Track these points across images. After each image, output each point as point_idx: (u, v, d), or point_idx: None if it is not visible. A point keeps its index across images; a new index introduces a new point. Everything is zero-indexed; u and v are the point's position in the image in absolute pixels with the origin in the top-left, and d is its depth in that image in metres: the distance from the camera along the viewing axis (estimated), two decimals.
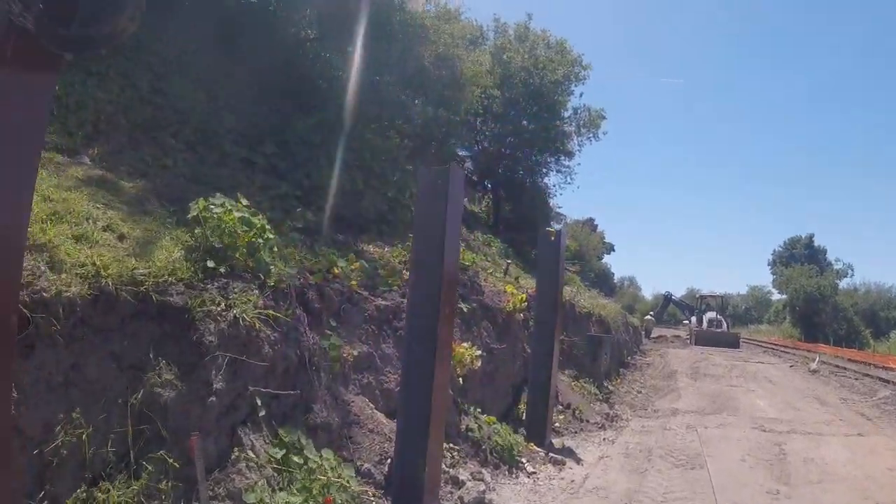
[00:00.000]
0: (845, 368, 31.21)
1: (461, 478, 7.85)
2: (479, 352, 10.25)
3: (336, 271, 8.91)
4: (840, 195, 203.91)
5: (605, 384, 17.78)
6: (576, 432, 12.49)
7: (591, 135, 34.36)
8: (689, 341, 51.35)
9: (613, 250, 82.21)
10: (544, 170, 33.88)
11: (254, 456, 5.86)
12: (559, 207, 41.76)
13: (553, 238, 11.71)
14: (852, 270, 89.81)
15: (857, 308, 78.52)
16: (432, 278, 7.06)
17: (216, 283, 6.35)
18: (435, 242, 7.11)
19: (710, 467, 10.19)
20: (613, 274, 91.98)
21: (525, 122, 30.98)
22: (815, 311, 74.95)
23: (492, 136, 31.94)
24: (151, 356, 5.43)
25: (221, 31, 13.08)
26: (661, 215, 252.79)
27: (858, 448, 12.33)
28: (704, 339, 48.79)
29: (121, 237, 6.35)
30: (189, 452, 5.20)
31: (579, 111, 33.37)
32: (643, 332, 46.32)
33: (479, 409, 10.33)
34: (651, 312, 65.57)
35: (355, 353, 8.15)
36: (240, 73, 13.31)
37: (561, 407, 13.20)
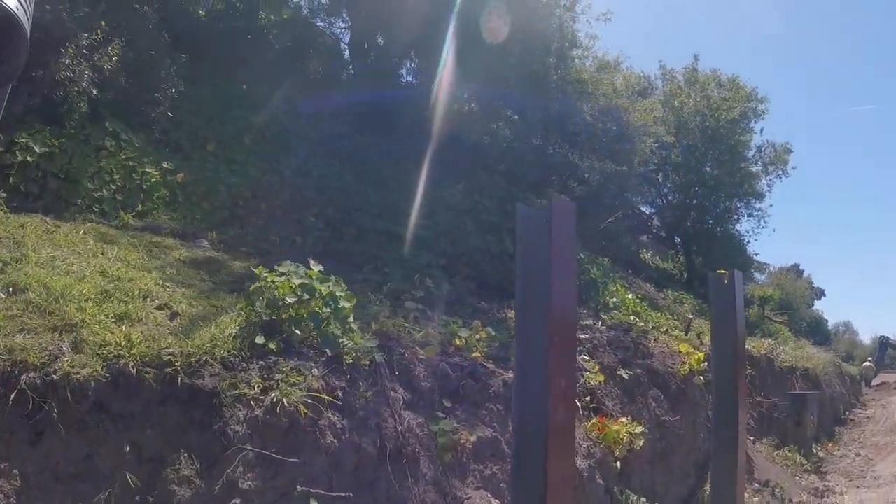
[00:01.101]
0: None
1: None
2: (641, 429, 8.63)
3: (458, 343, 7.56)
4: None
5: (814, 450, 15.31)
6: None
7: (779, 172, 31.81)
8: None
9: (824, 296, 79.33)
10: (734, 216, 31.65)
11: None
12: (756, 254, 39.77)
13: (727, 281, 9.76)
14: None
15: None
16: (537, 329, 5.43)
17: (261, 363, 5.34)
18: (539, 287, 5.49)
19: None
20: (827, 321, 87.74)
21: (708, 169, 29.02)
22: None
23: (674, 188, 30.55)
24: (174, 448, 4.75)
25: (375, 111, 13.31)
26: (872, 253, 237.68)
27: None
28: None
29: (173, 315, 5.72)
30: None
31: (763, 148, 31.41)
32: (862, 381, 41.99)
33: (644, 499, 8.55)
34: (870, 358, 60.16)
35: (474, 438, 6.62)
36: (396, 152, 13.28)
37: (757, 486, 11.21)
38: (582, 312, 11.05)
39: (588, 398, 8.70)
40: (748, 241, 33.17)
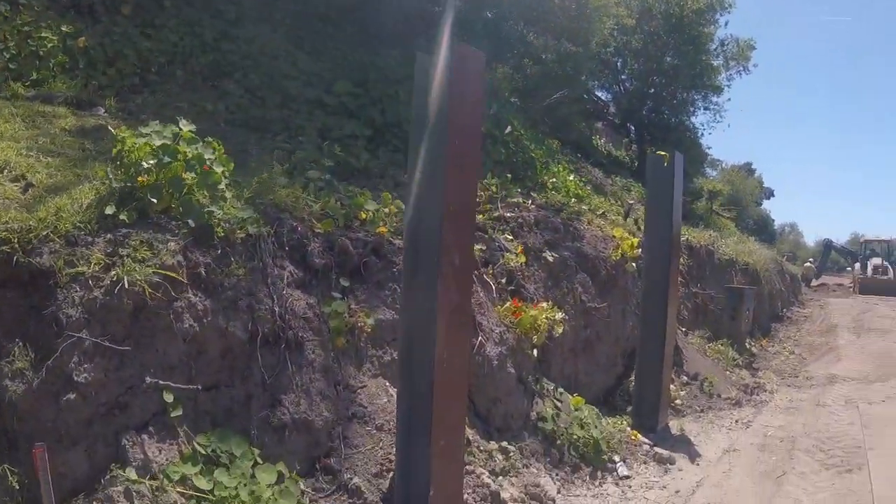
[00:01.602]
0: None
1: (504, 495, 5.59)
2: (561, 314, 8.00)
3: (364, 216, 6.75)
4: None
5: (749, 345, 15.06)
6: (701, 411, 9.99)
7: (740, 68, 31.26)
8: (852, 290, 47.54)
9: (773, 195, 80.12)
10: (691, 108, 31.08)
11: (135, 476, 3.96)
12: (709, 148, 39.36)
13: (667, 163, 9.07)
14: None
15: None
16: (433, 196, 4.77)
17: (108, 236, 4.54)
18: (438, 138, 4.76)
19: (872, 469, 7.49)
20: (773, 220, 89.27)
21: (668, 58, 28.20)
22: None
23: (632, 75, 29.49)
24: (12, 338, 4.15)
25: None
26: (823, 158, 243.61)
27: None
28: (869, 287, 44.83)
29: (27, 187, 4.95)
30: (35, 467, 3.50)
31: (726, 42, 30.56)
32: (802, 281, 42.44)
33: (561, 390, 8.02)
34: (811, 259, 61.02)
35: (372, 321, 5.92)
36: (336, 17, 12.57)
37: (686, 378, 10.76)
38: (515, 191, 10.34)
39: (505, 280, 8.03)
40: (702, 135, 32.99)
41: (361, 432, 5.41)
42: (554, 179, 13.05)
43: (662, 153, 9.08)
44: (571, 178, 14.13)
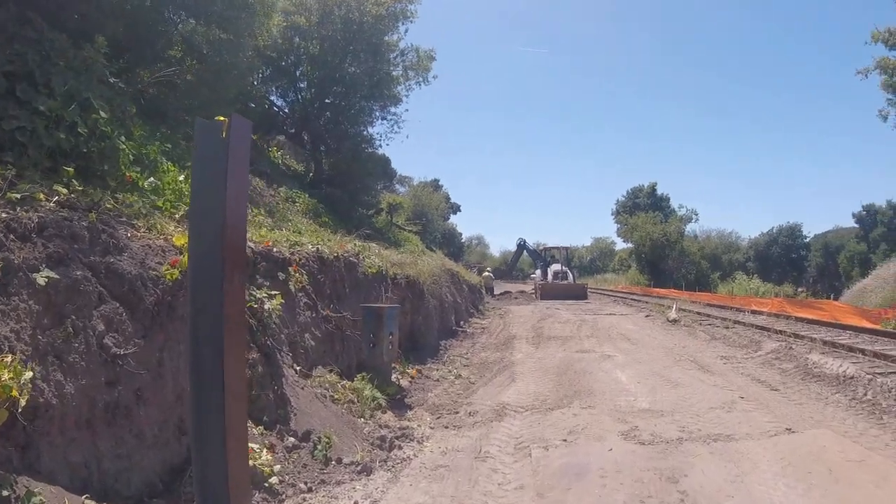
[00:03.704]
0: (708, 315, 27.87)
1: None
2: (29, 374, 4.49)
3: None
4: (682, 142, 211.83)
5: (397, 377, 12.08)
6: (309, 489, 6.60)
7: (419, 78, 31.45)
8: (534, 296, 48.20)
9: (459, 210, 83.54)
10: (369, 118, 30.79)
11: None
12: (388, 161, 38.43)
13: (224, 133, 5.47)
14: (697, 215, 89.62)
15: (704, 252, 79.47)
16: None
17: None
18: None
19: None
20: (461, 234, 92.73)
21: (347, 66, 27.59)
22: (661, 257, 75.44)
23: (311, 83, 28.95)
24: None
25: None
26: (506, 174, 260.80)
27: (809, 464, 7.27)
28: (551, 292, 46.23)
29: None
30: None
31: (406, 52, 30.61)
32: (484, 290, 41.75)
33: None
34: (489, 269, 62.15)
35: None
36: None
37: (293, 440, 7.20)
38: (36, 181, 6.56)
39: None
40: (380, 146, 32.63)
41: None
42: (152, 179, 9.40)
43: (221, 118, 5.49)
44: (182, 178, 10.50)
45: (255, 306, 7.80)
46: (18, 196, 6.02)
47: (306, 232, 14.73)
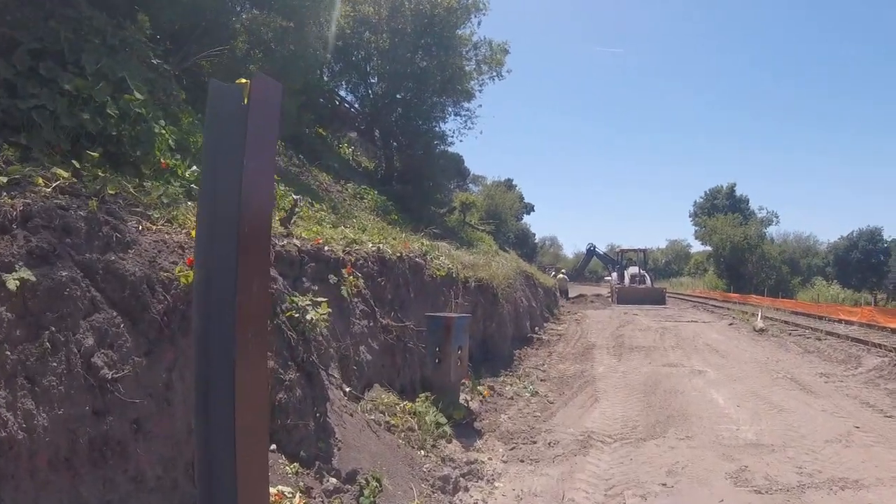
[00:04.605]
0: (796, 325, 26.56)
1: None
2: None
3: None
4: (760, 144, 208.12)
5: (467, 398, 10.52)
6: None
7: (493, 73, 29.58)
8: (610, 300, 47.16)
9: (533, 210, 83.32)
10: (441, 113, 29.40)
11: None
12: (460, 157, 37.56)
13: (246, 98, 4.17)
14: (777, 218, 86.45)
15: (785, 257, 76.60)
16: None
17: None
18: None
19: None
20: (534, 234, 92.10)
21: (418, 60, 26.46)
22: (740, 260, 72.87)
23: (381, 78, 27.72)
24: None
25: None
26: (582, 174, 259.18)
27: None
28: (627, 296, 44.90)
29: None
30: None
31: (479, 45, 28.96)
32: (558, 293, 40.28)
33: None
34: (563, 270, 60.35)
35: None
36: None
37: (334, 482, 5.84)
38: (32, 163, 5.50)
39: None
40: (452, 143, 31.28)
41: None
42: (195, 168, 8.39)
43: (243, 80, 4.19)
44: None
45: (296, 315, 6.61)
46: (5, 180, 4.96)
47: (372, 230, 13.53)
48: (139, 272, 5.02)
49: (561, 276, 51.03)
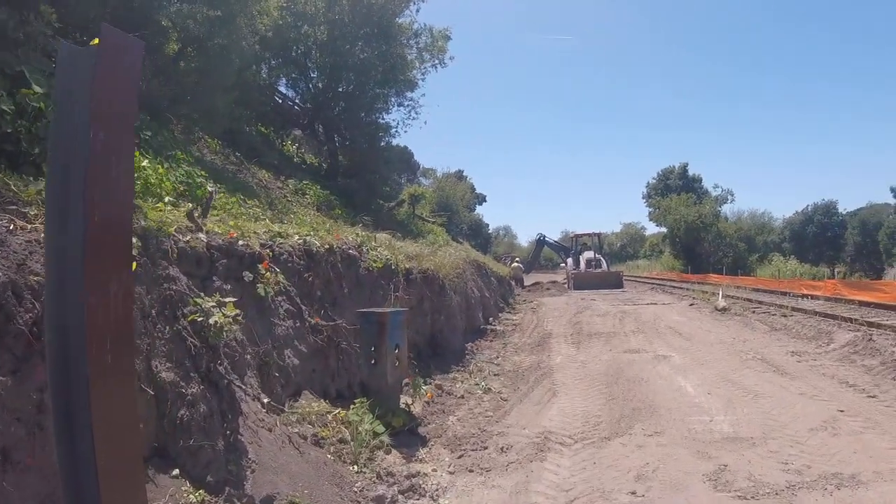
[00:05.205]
0: (760, 302, 26.41)
1: None
2: None
3: None
4: (713, 127, 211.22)
5: (408, 402, 9.25)
6: None
7: (436, 61, 30.07)
8: (567, 286, 46.61)
9: (485, 201, 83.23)
10: (384, 105, 29.19)
11: None
12: (407, 149, 37.02)
13: (105, 51, 3.32)
14: (732, 196, 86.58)
15: (741, 234, 76.45)
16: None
17: None
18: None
19: None
20: (487, 225, 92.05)
21: (358, 51, 26.25)
22: (696, 240, 73.37)
23: (321, 72, 27.65)
24: None
25: None
26: (534, 163, 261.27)
27: None
28: (584, 282, 44.38)
29: None
30: None
31: (419, 33, 29.05)
32: (513, 283, 39.60)
33: None
34: (518, 259, 59.76)
35: None
36: None
37: None
38: None
39: None
40: (397, 133, 32.81)
41: None
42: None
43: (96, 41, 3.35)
44: (146, 163, 8.51)
45: (199, 319, 5.59)
46: None
47: (308, 224, 12.49)
48: (3, 277, 4.02)
49: (515, 264, 50.61)
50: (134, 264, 4.83)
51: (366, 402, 7.94)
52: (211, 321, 5.61)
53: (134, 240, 5.22)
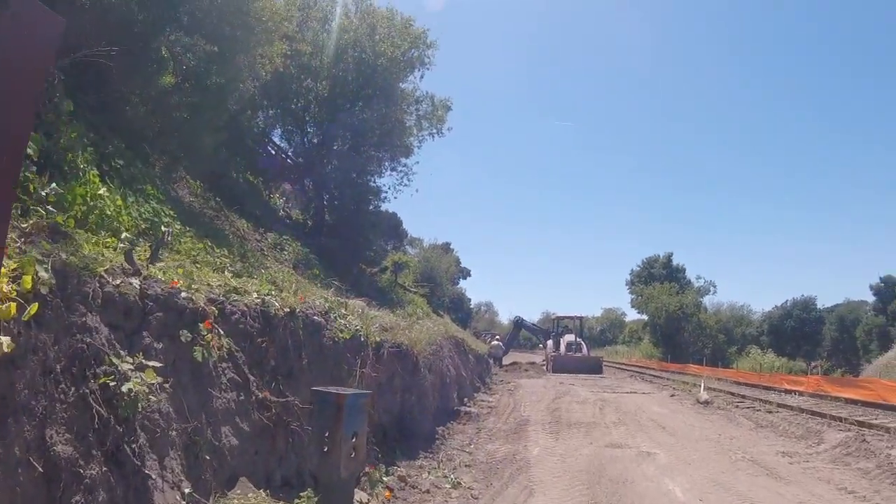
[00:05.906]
0: (743, 396, 26.00)
1: None
2: None
3: None
4: (698, 218, 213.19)
5: (364, 496, 8.03)
6: None
7: (434, 129, 29.83)
8: (545, 368, 46.11)
9: (470, 275, 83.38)
10: (375, 167, 28.97)
11: None
12: (396, 216, 36.71)
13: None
14: (715, 287, 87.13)
15: (721, 326, 77.50)
16: None
17: None
18: None
19: None
20: (470, 300, 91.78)
21: (358, 111, 25.94)
22: (676, 329, 73.97)
23: (318, 126, 27.11)
24: None
25: None
26: (520, 241, 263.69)
27: None
28: (564, 365, 43.70)
29: None
30: None
31: (421, 100, 28.81)
32: (492, 360, 38.69)
33: None
34: (498, 337, 58.71)
35: None
36: None
37: None
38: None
39: None
40: (386, 199, 30.94)
41: None
42: (54, 186, 6.42)
43: None
44: (104, 190, 7.66)
45: (112, 384, 4.59)
46: None
47: (271, 283, 11.39)
48: None
49: (495, 342, 49.84)
50: (35, 306, 3.89)
51: (313, 497, 6.74)
52: (124, 388, 4.60)
53: (45, 275, 4.26)
